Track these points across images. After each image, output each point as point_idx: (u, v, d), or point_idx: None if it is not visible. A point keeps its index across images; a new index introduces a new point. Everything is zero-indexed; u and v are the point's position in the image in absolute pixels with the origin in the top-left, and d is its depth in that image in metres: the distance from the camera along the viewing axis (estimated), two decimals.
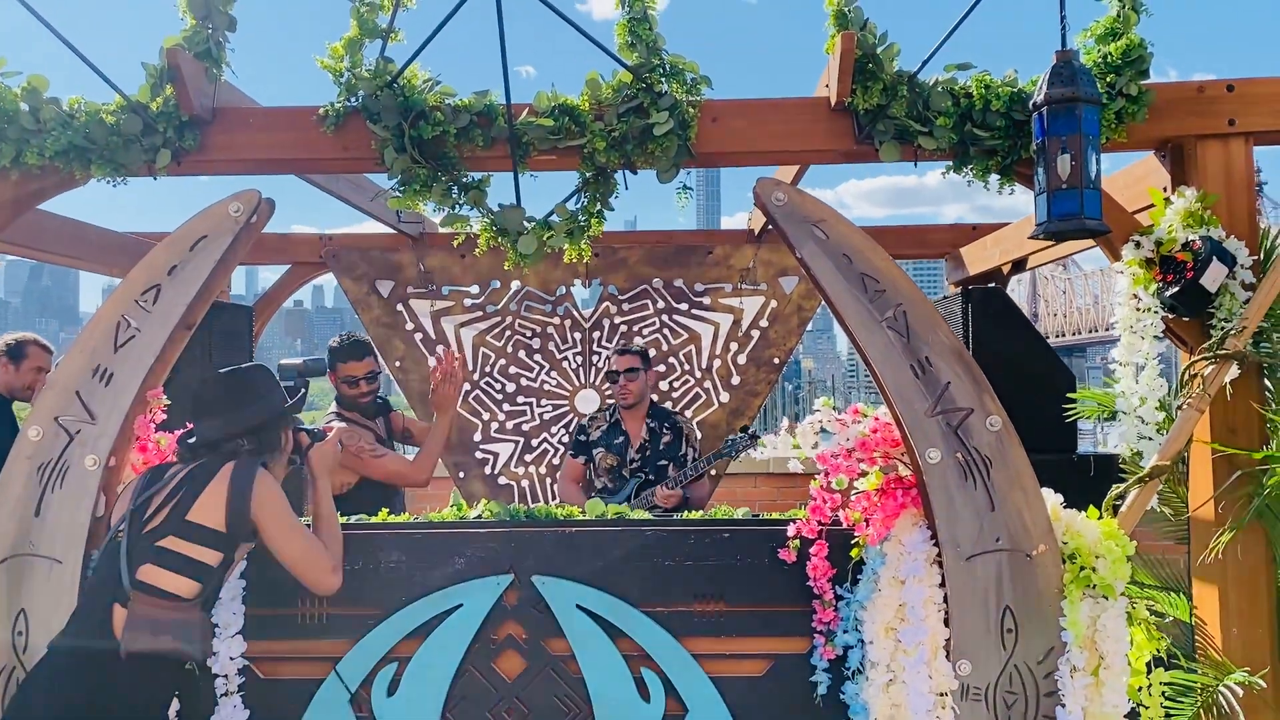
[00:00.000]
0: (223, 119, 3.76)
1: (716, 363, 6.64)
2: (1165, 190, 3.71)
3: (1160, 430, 3.45)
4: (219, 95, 3.76)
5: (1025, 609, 3.12)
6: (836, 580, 3.30)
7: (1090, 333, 75.35)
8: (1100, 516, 3.20)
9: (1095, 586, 3.09)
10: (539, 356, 6.68)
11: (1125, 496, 3.32)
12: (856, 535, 3.28)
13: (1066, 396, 4.28)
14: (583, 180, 3.68)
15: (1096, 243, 3.81)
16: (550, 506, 3.67)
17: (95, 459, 3.26)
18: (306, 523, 3.19)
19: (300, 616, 3.38)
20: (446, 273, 6.64)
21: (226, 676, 3.29)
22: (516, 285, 6.67)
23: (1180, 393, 3.44)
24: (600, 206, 3.66)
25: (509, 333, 6.68)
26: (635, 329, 6.65)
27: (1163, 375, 3.50)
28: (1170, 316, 3.53)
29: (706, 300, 6.64)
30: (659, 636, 3.33)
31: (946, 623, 3.15)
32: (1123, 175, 4.17)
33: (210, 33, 3.66)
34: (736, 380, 6.63)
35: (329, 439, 3.30)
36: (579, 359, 6.67)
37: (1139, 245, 3.52)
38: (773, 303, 6.60)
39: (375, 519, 3.59)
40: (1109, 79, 3.51)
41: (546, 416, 6.68)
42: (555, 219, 3.66)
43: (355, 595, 3.31)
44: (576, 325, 6.69)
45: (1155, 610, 3.42)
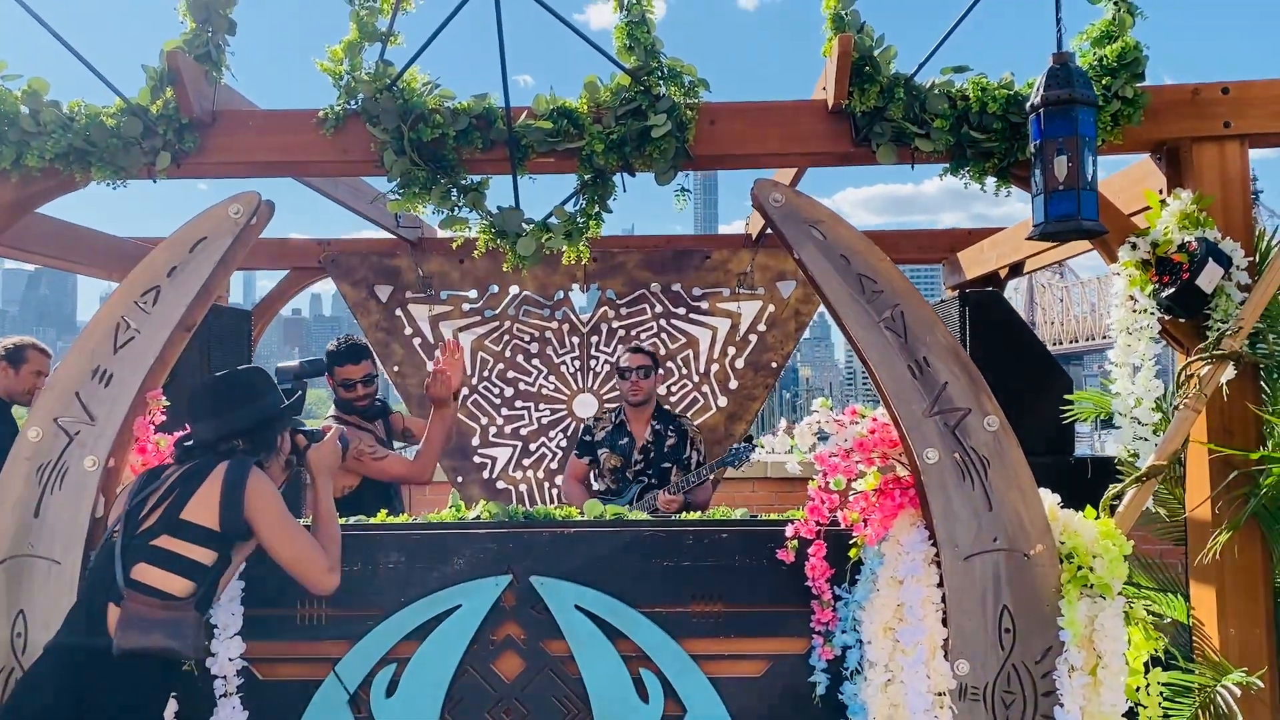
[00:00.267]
0: (222, 122, 3.77)
1: (714, 367, 6.66)
2: (1161, 193, 3.73)
3: (1157, 431, 3.46)
4: (218, 98, 3.77)
5: (1023, 609, 3.12)
6: (835, 580, 3.30)
7: (1087, 341, 75.38)
8: (1097, 516, 3.21)
9: (1093, 586, 3.09)
10: (537, 361, 6.69)
11: (1122, 496, 3.33)
12: (854, 535, 3.29)
13: (1064, 398, 4.29)
14: (581, 182, 3.69)
15: (1093, 245, 3.82)
16: (549, 508, 3.67)
17: (94, 460, 3.26)
18: (306, 524, 3.19)
19: (299, 617, 3.38)
20: (445, 277, 6.66)
21: (225, 677, 3.30)
22: (515, 290, 6.69)
23: (1176, 393, 3.45)
24: (598, 209, 3.67)
25: (507, 337, 6.69)
26: (633, 333, 6.66)
27: (1159, 377, 3.51)
28: (1166, 318, 3.53)
29: (704, 305, 6.66)
30: (658, 637, 3.34)
31: (945, 622, 3.15)
32: (1119, 178, 4.18)
33: (210, 36, 3.67)
34: (734, 384, 6.65)
35: (327, 439, 3.29)
36: (577, 363, 6.68)
37: (1135, 247, 3.53)
38: (770, 307, 6.63)
39: (374, 520, 3.59)
40: (1105, 82, 3.52)
41: (544, 421, 6.69)
42: (554, 221, 3.67)
43: (354, 596, 3.31)
44: (574, 330, 6.70)
45: (1153, 611, 3.43)
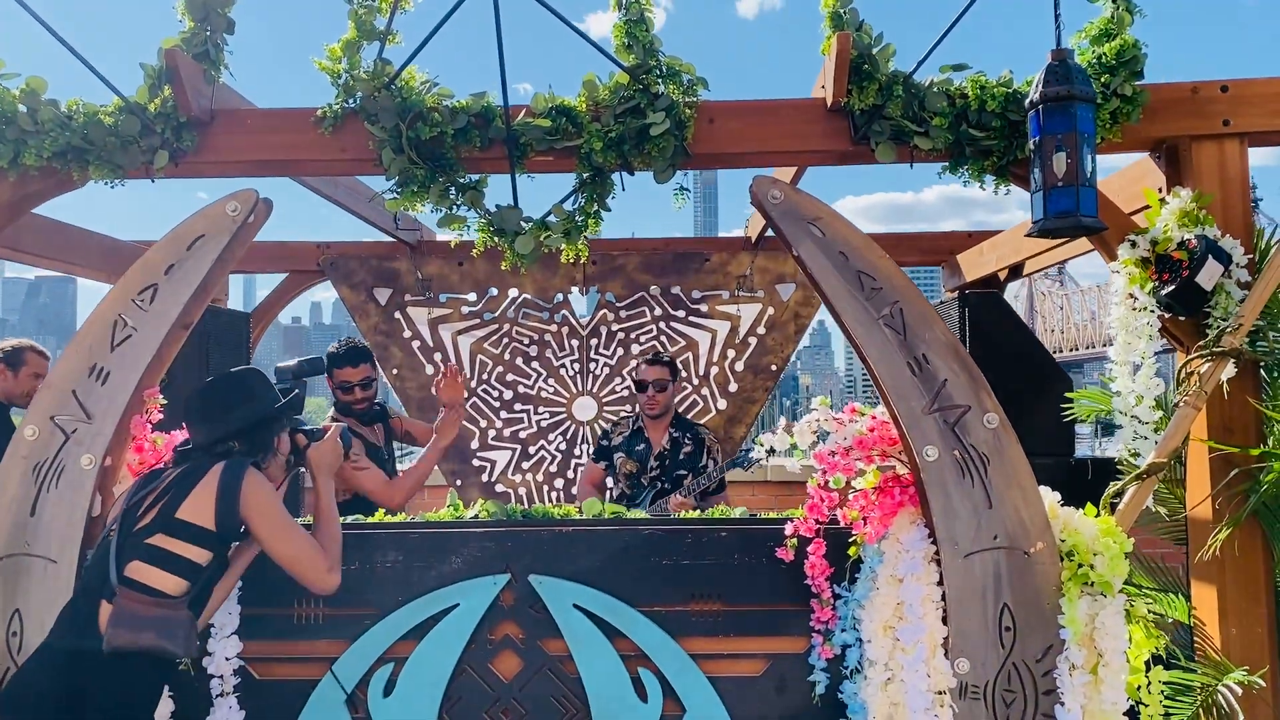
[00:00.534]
0: (221, 120, 3.76)
1: (714, 370, 6.65)
2: (1160, 191, 3.72)
3: (1157, 429, 3.44)
4: (217, 97, 3.76)
5: (1023, 607, 3.11)
6: (834, 579, 3.29)
7: (1088, 349, 75.39)
8: (1098, 514, 3.19)
9: (1093, 584, 3.07)
10: (536, 364, 6.68)
11: (1123, 494, 3.32)
12: (854, 534, 3.28)
13: (1064, 397, 4.28)
14: (580, 181, 3.68)
15: (1092, 243, 3.82)
16: (547, 506, 3.66)
17: (91, 458, 3.25)
18: (305, 523, 3.18)
19: (296, 617, 3.36)
20: (444, 280, 6.65)
21: (222, 677, 3.28)
22: (514, 293, 6.68)
23: (1177, 391, 3.44)
24: (597, 207, 3.66)
25: (506, 340, 6.68)
26: (633, 336, 6.65)
27: (1158, 375, 3.50)
28: (1166, 316, 3.53)
29: (704, 307, 6.65)
30: (656, 636, 3.32)
31: (945, 621, 3.14)
32: (1118, 177, 4.18)
33: (209, 35, 3.67)
34: (734, 387, 6.64)
35: (328, 437, 3.27)
36: (576, 366, 6.67)
37: (1135, 245, 3.52)
38: (770, 310, 6.62)
39: (372, 519, 3.58)
40: (1104, 79, 3.52)
41: (544, 424, 6.68)
42: (552, 219, 3.67)
43: (351, 595, 3.29)
44: (574, 332, 6.69)
45: (1154, 611, 3.41)
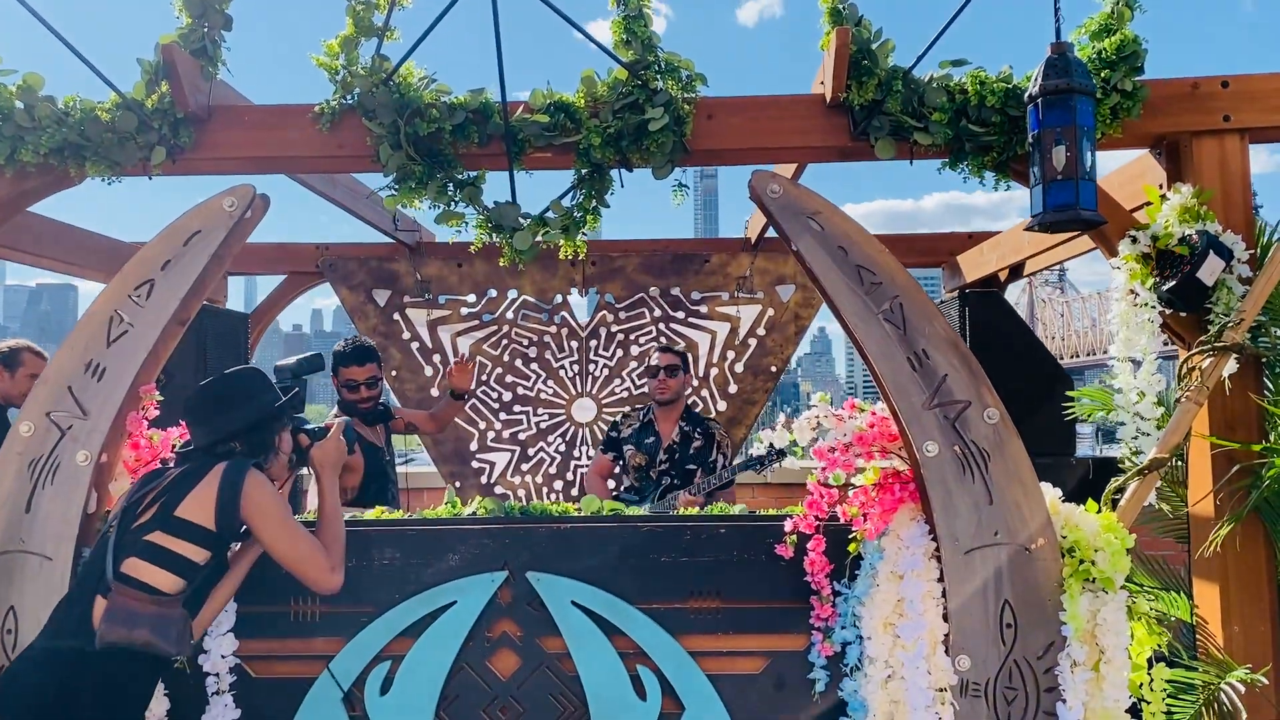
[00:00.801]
0: (218, 117, 3.75)
1: (714, 371, 6.63)
2: (1161, 188, 3.71)
3: (1159, 426, 3.43)
4: (214, 94, 3.75)
5: (1024, 603, 3.08)
6: (834, 576, 3.26)
7: (1089, 356, 75.31)
8: (1099, 510, 3.17)
9: (1095, 580, 3.05)
10: (536, 365, 6.66)
11: (1124, 490, 3.30)
12: (854, 530, 3.25)
13: (1065, 395, 4.26)
14: (578, 177, 3.67)
15: (1093, 240, 3.80)
16: (545, 503, 3.63)
17: (87, 455, 3.22)
18: (303, 520, 3.16)
19: (293, 614, 3.34)
20: (443, 282, 6.64)
21: (218, 675, 3.25)
22: (513, 294, 6.67)
23: (1178, 386, 3.42)
24: (596, 203, 3.65)
25: (505, 342, 6.67)
26: (632, 337, 6.64)
27: (1160, 372, 3.48)
28: (1168, 312, 3.51)
29: (703, 309, 6.63)
30: (655, 634, 3.29)
31: (945, 618, 3.11)
32: (1118, 174, 4.17)
33: (206, 31, 3.67)
34: (734, 389, 6.63)
35: (331, 434, 3.24)
36: (576, 368, 6.65)
37: (1136, 240, 3.51)
38: (770, 311, 6.60)
39: (369, 515, 3.56)
40: (1104, 74, 3.51)
41: (543, 425, 6.66)
42: (551, 215, 3.65)
43: (348, 593, 3.24)
44: (573, 334, 6.68)
45: (1156, 609, 3.39)
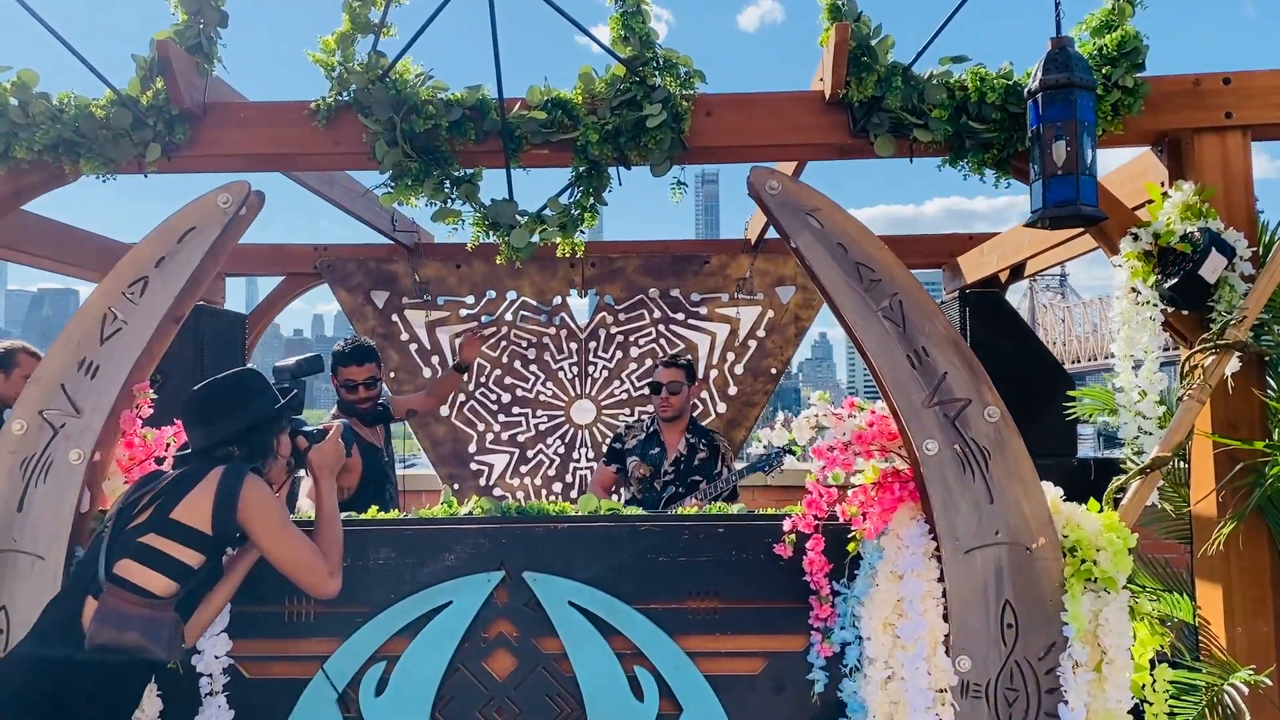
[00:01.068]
0: (214, 113, 3.73)
1: (713, 373, 6.60)
2: (1163, 185, 3.68)
3: (1161, 425, 3.40)
4: (209, 90, 3.73)
5: (1025, 603, 3.05)
6: (833, 576, 3.23)
7: (1090, 361, 75.25)
8: (1101, 509, 3.15)
9: (1096, 579, 3.02)
10: (535, 367, 6.63)
11: (1126, 489, 3.27)
12: (853, 530, 3.23)
13: (1067, 396, 4.23)
14: (576, 174, 3.65)
15: (1095, 237, 3.78)
16: (542, 503, 3.61)
17: (80, 453, 3.20)
18: (298, 520, 3.13)
19: (287, 614, 3.31)
20: (442, 283, 6.61)
21: (211, 676, 3.23)
22: (512, 295, 6.64)
23: (1180, 385, 3.40)
24: (593, 200, 3.63)
25: (504, 343, 6.64)
26: (631, 339, 6.61)
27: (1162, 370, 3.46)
28: (1169, 310, 3.48)
29: (703, 310, 6.61)
30: (653, 634, 3.26)
31: (946, 618, 3.08)
32: (1119, 172, 4.15)
33: (202, 27, 3.65)
34: (734, 390, 6.60)
35: (329, 437, 3.21)
36: (575, 369, 6.62)
37: (1137, 238, 3.48)
38: (769, 312, 6.58)
39: (364, 515, 3.53)
40: (1105, 71, 3.48)
41: (542, 427, 6.63)
42: (548, 213, 3.63)
43: (343, 593, 3.22)
44: (572, 335, 6.65)
45: (1158, 610, 3.36)
